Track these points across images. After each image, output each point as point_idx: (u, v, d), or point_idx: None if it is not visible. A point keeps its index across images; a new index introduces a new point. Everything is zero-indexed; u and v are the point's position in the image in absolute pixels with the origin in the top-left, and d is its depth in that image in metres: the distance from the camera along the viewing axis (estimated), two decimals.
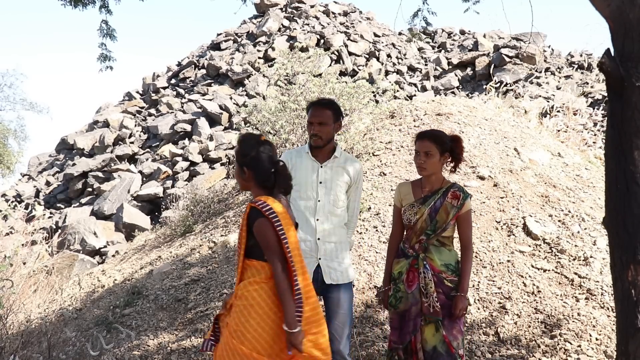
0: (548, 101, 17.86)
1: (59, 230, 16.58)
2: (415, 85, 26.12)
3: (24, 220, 17.40)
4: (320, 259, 3.79)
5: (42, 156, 25.74)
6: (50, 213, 19.69)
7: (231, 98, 23.50)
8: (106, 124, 23.82)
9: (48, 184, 22.49)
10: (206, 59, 26.95)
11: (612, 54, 3.21)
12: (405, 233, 3.96)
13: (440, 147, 3.76)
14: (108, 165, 20.65)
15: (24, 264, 10.19)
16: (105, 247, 15.17)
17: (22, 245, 11.23)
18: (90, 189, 20.18)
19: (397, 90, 12.05)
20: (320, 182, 3.85)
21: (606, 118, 3.35)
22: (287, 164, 3.83)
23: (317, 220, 3.82)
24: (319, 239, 3.81)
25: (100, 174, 20.40)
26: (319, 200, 3.83)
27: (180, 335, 6.01)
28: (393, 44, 28.92)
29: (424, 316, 3.71)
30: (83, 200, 19.89)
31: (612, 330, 5.09)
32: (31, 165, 25.31)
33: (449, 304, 3.69)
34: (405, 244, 3.90)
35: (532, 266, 6.25)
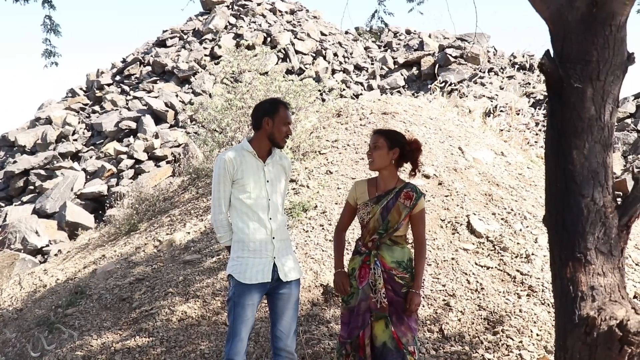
0: (491, 101, 18.14)
1: None
2: (361, 84, 26.29)
3: None
4: (275, 257, 3.78)
5: None
6: None
7: (177, 95, 23.29)
8: (49, 121, 23.27)
9: None
10: (151, 56, 26.60)
11: (552, 55, 3.28)
12: (360, 231, 4.01)
13: (389, 141, 3.84)
14: (50, 163, 20.24)
15: None
16: (47, 246, 14.86)
17: None
18: (32, 187, 19.76)
19: (344, 89, 12.09)
20: (268, 181, 3.82)
21: (547, 118, 3.42)
22: (231, 164, 3.75)
23: (270, 219, 3.80)
24: (274, 237, 3.79)
25: (42, 172, 19.98)
26: (269, 199, 3.81)
27: (124, 335, 5.90)
28: (340, 43, 29.04)
29: (372, 312, 3.75)
30: (24, 199, 19.46)
31: (552, 326, 5.20)
32: None
33: (398, 300, 3.74)
34: (359, 242, 3.97)
35: (476, 264, 6.35)
